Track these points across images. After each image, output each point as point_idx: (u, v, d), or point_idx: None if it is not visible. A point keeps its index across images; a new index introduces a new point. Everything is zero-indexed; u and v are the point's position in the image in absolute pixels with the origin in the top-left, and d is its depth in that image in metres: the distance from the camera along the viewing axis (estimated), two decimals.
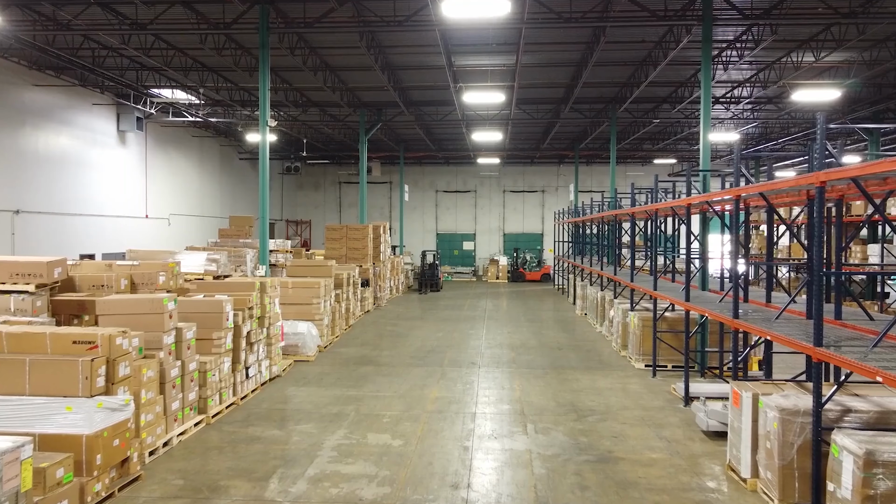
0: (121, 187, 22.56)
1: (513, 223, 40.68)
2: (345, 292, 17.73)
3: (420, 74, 19.62)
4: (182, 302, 9.77)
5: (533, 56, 17.33)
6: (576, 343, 16.19)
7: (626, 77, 19.57)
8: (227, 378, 9.88)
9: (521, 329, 18.39)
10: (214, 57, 16.09)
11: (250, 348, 10.74)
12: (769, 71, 18.22)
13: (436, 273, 29.72)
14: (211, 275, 13.98)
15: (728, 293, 10.21)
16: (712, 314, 9.10)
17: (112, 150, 22.09)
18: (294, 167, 34.69)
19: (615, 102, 22.63)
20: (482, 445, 8.42)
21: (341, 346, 15.63)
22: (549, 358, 14.26)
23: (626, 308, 14.58)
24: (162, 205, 25.37)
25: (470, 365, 13.44)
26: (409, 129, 28.49)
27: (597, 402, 10.57)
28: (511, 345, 15.86)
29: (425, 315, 21.44)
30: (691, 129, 26.79)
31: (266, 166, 14.06)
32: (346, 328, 17.81)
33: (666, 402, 10.52)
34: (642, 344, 13.19)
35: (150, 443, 7.54)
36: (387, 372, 12.77)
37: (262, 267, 13.55)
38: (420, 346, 15.55)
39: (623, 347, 14.56)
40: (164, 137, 25.40)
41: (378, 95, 22.14)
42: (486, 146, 32.87)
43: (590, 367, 13.41)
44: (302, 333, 13.91)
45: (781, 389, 7.08)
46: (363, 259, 22.45)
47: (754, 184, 8.61)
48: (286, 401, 10.61)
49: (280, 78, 19.85)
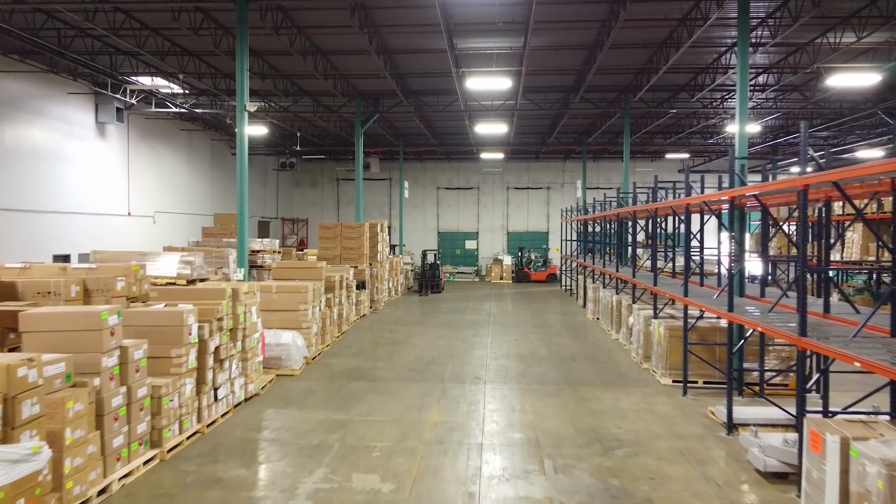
0: (101, 183, 21.07)
1: (517, 221, 39.18)
2: (337, 296, 16.24)
3: (419, 59, 18.09)
4: (135, 314, 8.29)
5: (543, 37, 15.80)
6: (590, 352, 14.69)
7: (643, 61, 18.01)
8: (189, 403, 8.40)
9: (529, 336, 16.89)
10: (191, 37, 14.56)
11: (220, 366, 9.26)
12: (801, 54, 16.66)
13: (437, 273, 28.17)
14: (185, 279, 12.52)
15: (778, 302, 8.72)
16: (771, 330, 7.57)
17: (90, 144, 20.60)
18: (289, 163, 33.19)
19: (629, 91, 21.09)
20: (492, 492, 6.90)
21: (332, 356, 14.14)
22: (562, 371, 12.76)
23: (649, 315, 13.08)
24: (146, 202, 23.89)
25: (474, 380, 11.95)
26: (409, 122, 26.95)
27: (623, 428, 9.07)
28: (519, 355, 14.36)
29: (425, 319, 19.94)
30: (707, 121, 25.25)
31: (244, 155, 12.55)
32: (338, 335, 16.32)
33: (704, 429, 9.02)
34: (669, 357, 11.68)
35: (78, 493, 6.05)
36: (380, 388, 11.28)
37: (241, 270, 12.03)
38: (419, 357, 14.07)
39: (645, 359, 13.06)
40: (148, 130, 23.90)
41: (374, 84, 20.62)
42: (489, 140, 31.32)
43: (609, 382, 11.91)
44: (286, 344, 12.42)
45: (873, 430, 5.58)
46: (359, 259, 20.96)
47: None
48: (261, 427, 9.12)
49: (267, 63, 18.31)
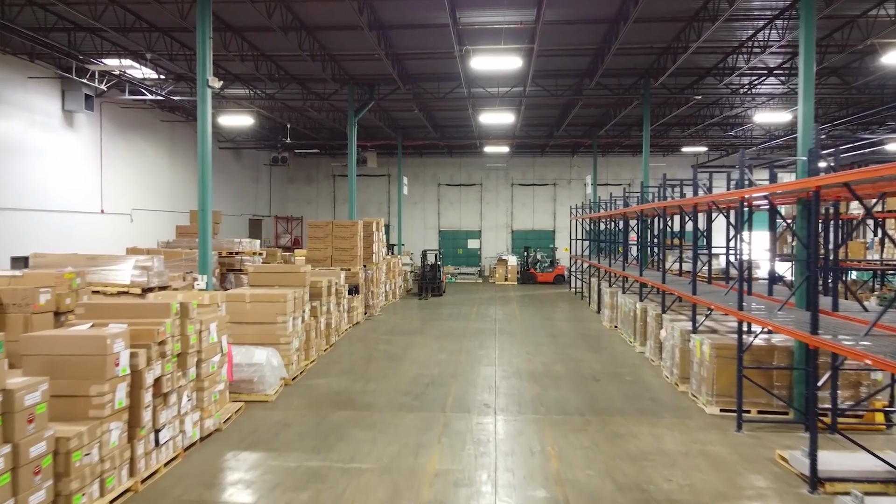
0: (70, 177, 19.12)
1: (522, 219, 37.24)
2: (325, 304, 14.31)
3: (418, 36, 16.12)
4: (42, 340, 6.37)
5: (559, 9, 13.83)
6: (613, 370, 12.76)
7: (669, 38, 16.00)
8: (116, 454, 6.47)
9: (542, 348, 14.96)
10: (153, 6, 12.58)
11: (163, 401, 7.33)
12: (850, 28, 14.68)
13: (438, 275, 26.20)
14: (140, 287, 10.62)
15: (876, 323, 6.78)
16: (883, 363, 5.63)
17: (57, 134, 18.65)
18: (281, 157, 31.23)
19: (649, 76, 19.11)
20: None
21: (316, 375, 12.22)
22: (585, 395, 10.83)
23: (686, 329, 11.14)
24: (123, 199, 21.93)
25: (482, 409, 10.02)
26: (408, 112, 24.98)
27: (675, 481, 7.14)
28: (532, 373, 12.44)
29: (425, 327, 18.01)
30: (732, 111, 23.28)
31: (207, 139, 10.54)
32: (326, 348, 14.39)
33: (778, 482, 7.09)
34: (716, 381, 9.74)
35: None
36: (370, 420, 9.35)
37: (203, 277, 10.07)
38: (417, 376, 12.15)
39: (681, 380, 11.12)
40: (124, 121, 21.94)
41: (368, 67, 18.65)
42: (494, 132, 29.36)
43: (642, 410, 9.99)
44: (259, 365, 10.49)
45: None
46: (352, 261, 19.03)
47: None
48: (213, 481, 7.19)
49: (246, 42, 16.31)
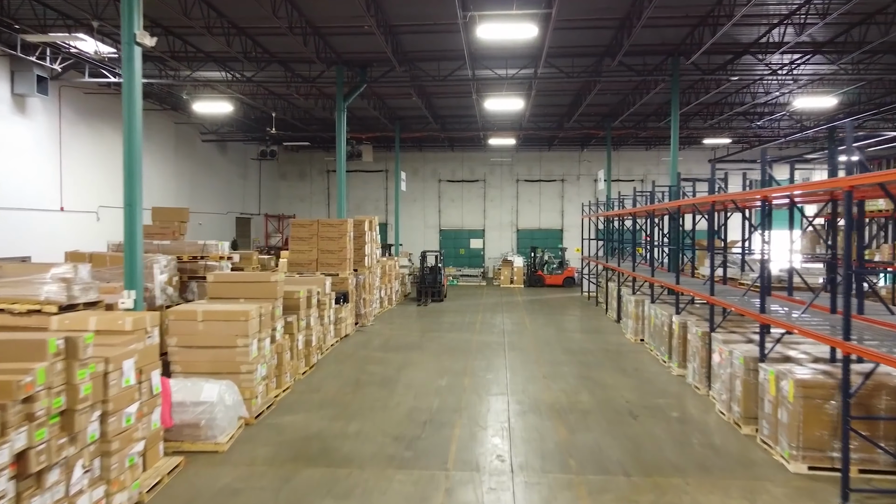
0: (20, 170, 16.82)
1: (528, 217, 34.93)
2: (303, 318, 11.99)
3: (415, 4, 13.80)
4: None
5: None
6: (652, 400, 10.43)
7: (710, 5, 13.66)
8: None
9: (561, 369, 12.64)
10: None
11: (35, 483, 5.02)
12: None
13: (438, 278, 23.85)
14: (56, 304, 8.30)
15: None
16: None
17: (4, 121, 16.37)
18: (270, 151, 28.93)
19: (679, 53, 16.76)
20: None
21: (288, 409, 9.90)
22: (624, 441, 8.50)
23: (752, 356, 8.82)
24: (87, 195, 19.60)
25: (494, 465, 7.69)
26: (405, 99, 22.63)
27: None
28: (554, 406, 10.11)
29: (424, 342, 15.68)
30: (767, 96, 20.90)
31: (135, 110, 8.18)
32: (304, 371, 12.08)
33: None
34: (803, 429, 7.42)
35: None
36: (346, 484, 7.04)
37: (129, 294, 7.71)
38: (412, 410, 9.83)
39: (745, 421, 8.80)
40: (88, 108, 19.62)
41: (358, 42, 16.28)
42: (499, 123, 27.01)
43: (704, 465, 7.66)
44: (208, 403, 8.17)
45: None
46: (340, 265, 16.70)
47: None
48: None
49: (213, 9, 13.98)
